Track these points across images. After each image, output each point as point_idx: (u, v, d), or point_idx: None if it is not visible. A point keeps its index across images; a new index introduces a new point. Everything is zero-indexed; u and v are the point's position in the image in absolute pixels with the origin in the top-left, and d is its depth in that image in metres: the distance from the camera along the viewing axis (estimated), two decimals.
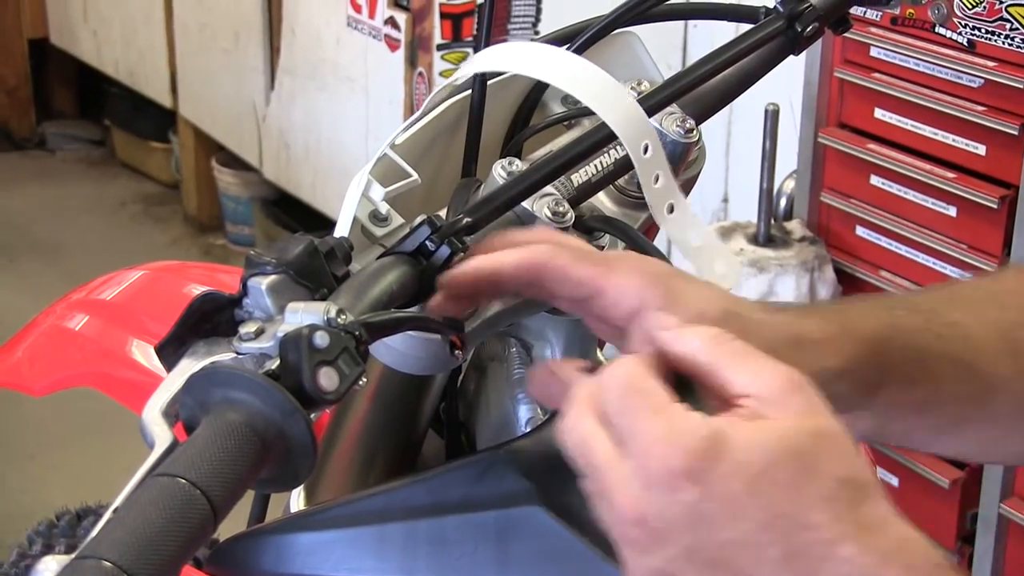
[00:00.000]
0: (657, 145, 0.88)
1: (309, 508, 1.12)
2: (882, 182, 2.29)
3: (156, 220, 4.53)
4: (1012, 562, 2.20)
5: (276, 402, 0.73)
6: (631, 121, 0.86)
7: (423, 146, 1.01)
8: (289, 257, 0.82)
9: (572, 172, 0.96)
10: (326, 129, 3.75)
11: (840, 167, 2.36)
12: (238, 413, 0.73)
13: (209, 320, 0.83)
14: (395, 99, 3.42)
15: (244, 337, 0.80)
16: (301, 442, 0.74)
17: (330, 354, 0.75)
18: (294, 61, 3.82)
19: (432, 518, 0.92)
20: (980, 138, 2.13)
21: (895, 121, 2.26)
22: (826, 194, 2.38)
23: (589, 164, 0.97)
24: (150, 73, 4.52)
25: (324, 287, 0.83)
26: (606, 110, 0.87)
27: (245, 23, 3.98)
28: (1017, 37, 2.04)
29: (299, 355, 0.74)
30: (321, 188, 3.81)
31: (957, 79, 2.14)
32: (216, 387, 0.74)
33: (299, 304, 0.79)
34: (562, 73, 0.89)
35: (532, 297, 0.88)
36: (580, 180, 0.97)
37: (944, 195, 2.18)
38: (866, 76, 2.27)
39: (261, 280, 0.81)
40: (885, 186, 2.29)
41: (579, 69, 0.89)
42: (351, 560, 1.00)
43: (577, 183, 0.97)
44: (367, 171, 0.92)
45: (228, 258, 4.28)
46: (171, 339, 0.83)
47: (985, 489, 2.19)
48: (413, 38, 3.34)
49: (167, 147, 4.66)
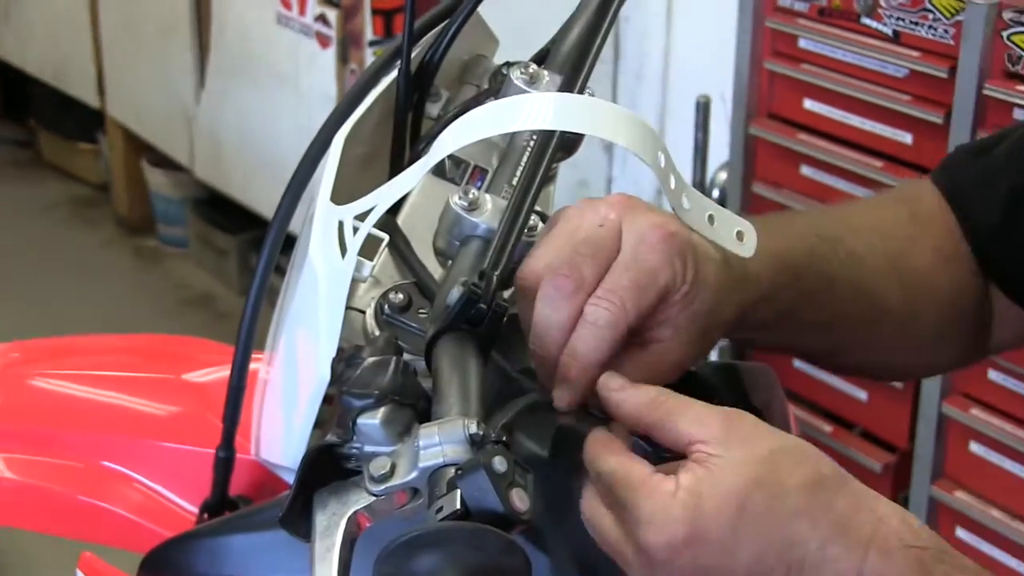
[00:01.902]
0: (667, 153, 0.89)
1: (243, 510, 1.12)
2: (812, 172, 2.31)
3: (86, 222, 4.49)
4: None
5: (491, 544, 0.73)
6: (646, 140, 0.87)
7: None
8: (387, 384, 0.82)
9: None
10: (258, 127, 3.73)
11: (771, 158, 2.38)
12: (456, 570, 0.72)
13: (323, 471, 0.82)
14: (327, 96, 3.41)
15: (378, 477, 0.80)
16: (520, 569, 0.74)
17: (511, 474, 0.76)
18: (224, 59, 3.79)
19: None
20: (906, 127, 2.15)
21: (824, 111, 2.28)
22: (758, 185, 2.40)
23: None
24: (76, 73, 4.46)
25: (419, 399, 0.83)
26: (627, 139, 0.87)
27: (173, 21, 3.95)
28: (940, 27, 2.06)
29: (484, 485, 0.74)
30: (254, 187, 3.79)
31: (883, 69, 2.16)
32: (420, 550, 0.73)
33: (431, 429, 0.79)
34: (575, 117, 0.88)
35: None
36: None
37: (872, 183, 2.20)
38: (794, 67, 2.29)
39: (373, 416, 0.81)
40: (815, 176, 2.31)
41: (592, 109, 0.88)
42: (286, 561, 0.99)
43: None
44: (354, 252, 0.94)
45: (160, 260, 4.24)
46: (294, 505, 0.83)
47: (916, 472, 2.22)
48: (344, 35, 3.32)
49: (95, 148, 4.61)
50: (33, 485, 1.28)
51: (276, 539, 0.97)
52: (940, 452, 2.18)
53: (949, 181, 1.14)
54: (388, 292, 0.97)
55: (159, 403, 1.34)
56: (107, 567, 1.14)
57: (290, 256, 1.09)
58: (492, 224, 0.94)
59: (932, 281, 1.10)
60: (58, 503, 1.28)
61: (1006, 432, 2.07)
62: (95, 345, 1.58)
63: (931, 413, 2.17)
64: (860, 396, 2.34)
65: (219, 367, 1.33)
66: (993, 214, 1.11)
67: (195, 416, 1.30)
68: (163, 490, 1.27)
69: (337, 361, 0.85)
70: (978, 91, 1.99)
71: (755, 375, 1.14)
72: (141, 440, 1.29)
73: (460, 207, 0.94)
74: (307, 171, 1.05)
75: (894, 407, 2.28)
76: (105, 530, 1.27)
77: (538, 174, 0.97)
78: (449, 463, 0.78)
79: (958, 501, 2.16)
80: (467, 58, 1.15)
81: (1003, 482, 2.11)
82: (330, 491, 0.82)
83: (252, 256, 3.94)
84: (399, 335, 0.92)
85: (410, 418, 0.82)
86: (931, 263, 1.10)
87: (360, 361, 0.83)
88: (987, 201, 1.11)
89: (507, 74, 1.06)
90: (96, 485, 1.27)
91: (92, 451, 1.28)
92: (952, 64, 2.05)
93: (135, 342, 1.64)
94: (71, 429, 1.31)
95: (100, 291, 4.04)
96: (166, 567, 1.09)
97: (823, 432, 2.37)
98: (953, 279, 1.11)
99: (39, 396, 1.37)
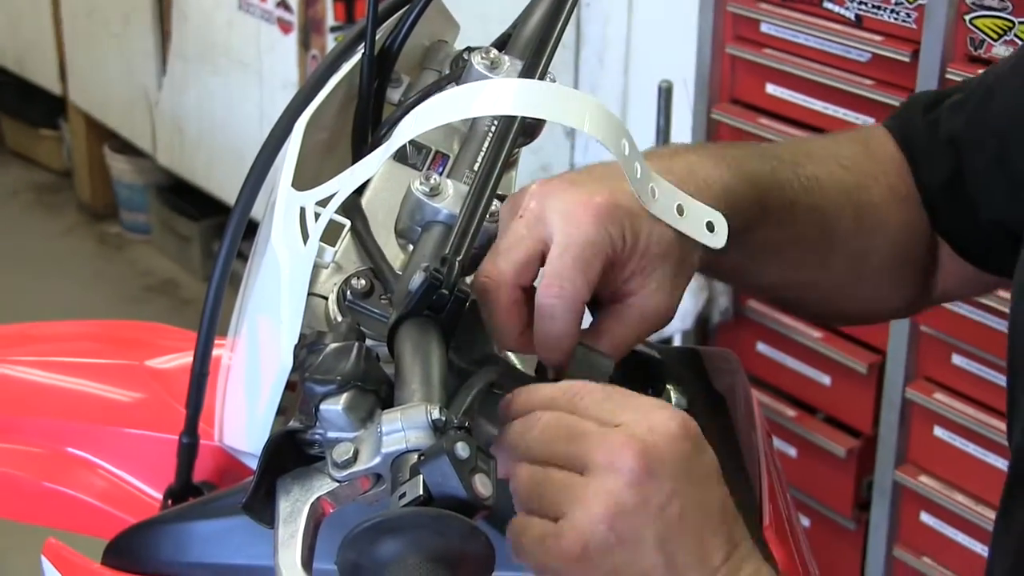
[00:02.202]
0: (631, 140, 0.90)
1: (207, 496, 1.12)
2: None
3: (49, 208, 4.46)
4: (907, 527, 2.24)
5: (454, 530, 0.73)
6: (610, 127, 0.88)
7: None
8: (349, 370, 0.81)
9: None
10: (220, 114, 3.72)
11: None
12: (420, 555, 0.72)
13: (286, 458, 0.82)
14: (289, 82, 3.40)
15: (341, 463, 0.80)
16: (483, 554, 0.74)
17: (473, 459, 0.76)
18: (186, 45, 3.78)
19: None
20: (869, 111, 2.16)
21: (786, 96, 2.29)
22: None
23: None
24: (38, 60, 4.44)
25: (382, 384, 0.83)
26: (590, 126, 0.87)
27: (134, 7, 3.92)
28: (903, 11, 2.07)
29: (447, 471, 0.74)
30: (216, 173, 3.77)
31: (846, 53, 2.17)
32: (384, 536, 0.73)
33: (393, 415, 0.79)
34: (538, 103, 0.89)
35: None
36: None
37: None
38: (757, 52, 2.29)
39: (336, 402, 0.81)
40: None
41: (554, 96, 0.88)
42: (250, 547, 0.99)
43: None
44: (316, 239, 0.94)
45: (123, 246, 4.22)
46: (257, 492, 0.82)
47: (880, 457, 2.23)
48: (306, 20, 3.31)
49: (57, 134, 4.58)
50: None
51: (240, 525, 0.97)
52: (904, 437, 2.20)
53: (901, 133, 1.16)
54: (350, 278, 0.97)
55: (122, 389, 1.33)
56: (72, 553, 1.14)
57: (253, 242, 1.09)
58: (454, 210, 0.94)
59: (885, 217, 1.12)
60: (22, 489, 1.28)
61: (969, 416, 2.08)
62: (58, 332, 1.58)
63: (895, 398, 2.18)
64: (824, 381, 2.35)
65: (182, 353, 1.33)
66: (939, 172, 1.12)
67: (158, 402, 1.29)
68: (127, 476, 1.26)
69: (299, 347, 0.85)
70: (941, 75, 2.00)
71: (718, 360, 1.15)
72: (105, 426, 1.29)
73: (421, 192, 0.95)
74: (268, 157, 1.05)
75: (858, 392, 2.29)
76: (70, 516, 1.26)
77: (500, 159, 0.97)
78: (412, 449, 0.78)
79: (922, 486, 2.17)
80: (428, 44, 1.15)
81: (967, 466, 2.12)
82: (293, 477, 0.82)
83: (215, 242, 3.92)
84: (361, 321, 0.91)
85: (373, 404, 0.82)
86: (885, 199, 1.12)
87: (322, 347, 0.83)
88: (933, 159, 1.13)
89: (468, 59, 1.06)
90: (60, 471, 1.27)
91: (56, 437, 1.28)
92: (915, 48, 2.05)
93: (98, 328, 1.63)
94: (34, 415, 1.31)
95: (63, 278, 4.02)
96: (131, 553, 1.09)
97: (787, 417, 2.38)
98: (904, 219, 1.13)
99: (2, 383, 1.36)
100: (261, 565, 0.98)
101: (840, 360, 2.28)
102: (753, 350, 2.42)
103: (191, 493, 1.16)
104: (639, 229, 0.92)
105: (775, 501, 1.08)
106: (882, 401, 2.21)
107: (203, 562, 1.03)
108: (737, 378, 1.15)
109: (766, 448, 1.13)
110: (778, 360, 2.40)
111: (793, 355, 2.38)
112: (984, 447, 2.09)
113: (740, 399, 1.13)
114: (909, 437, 2.20)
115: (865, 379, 2.27)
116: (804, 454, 2.38)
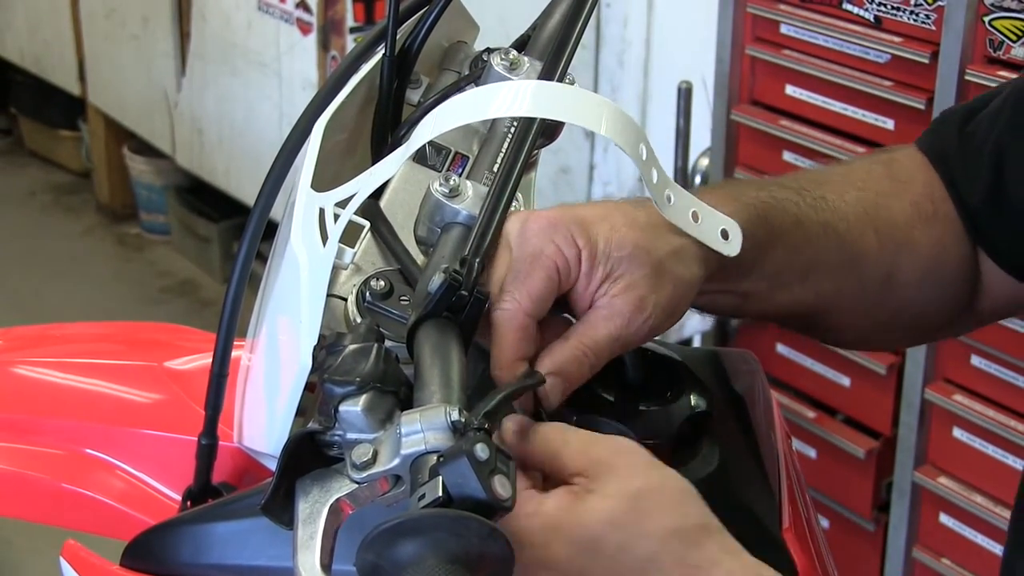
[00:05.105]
0: (648, 145, 0.90)
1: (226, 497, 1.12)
2: (794, 157, 2.32)
3: (68, 210, 4.47)
4: (926, 528, 2.23)
5: (473, 531, 0.73)
6: (628, 131, 0.88)
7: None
8: (368, 371, 0.81)
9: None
10: (239, 115, 3.72)
11: (753, 144, 2.38)
12: (439, 557, 0.72)
13: (305, 459, 0.82)
14: (308, 83, 3.40)
15: (360, 465, 0.80)
16: (502, 555, 0.74)
17: (493, 461, 0.76)
18: (205, 46, 3.79)
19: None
20: (888, 113, 2.15)
21: (805, 97, 2.28)
22: (740, 171, 2.40)
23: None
24: (57, 61, 4.45)
25: (401, 385, 0.83)
26: (608, 129, 0.87)
27: (154, 8, 3.93)
28: (922, 12, 2.06)
29: (466, 472, 0.74)
30: (235, 174, 3.78)
31: (864, 55, 2.16)
32: (403, 538, 0.73)
33: (412, 416, 0.79)
34: (555, 105, 0.89)
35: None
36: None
37: None
38: (776, 53, 2.29)
39: (355, 403, 0.81)
40: (797, 161, 2.31)
41: (572, 98, 0.89)
42: (269, 548, 0.99)
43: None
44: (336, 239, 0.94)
45: (142, 247, 4.23)
46: (276, 493, 0.83)
47: (899, 458, 2.22)
48: (325, 21, 3.31)
49: (77, 135, 4.59)
50: (16, 473, 1.28)
51: (259, 527, 0.97)
52: (923, 438, 2.19)
53: (935, 152, 1.14)
54: (369, 279, 0.97)
55: (141, 391, 1.34)
56: (90, 555, 1.14)
57: (272, 243, 1.09)
58: (473, 211, 0.94)
59: (910, 235, 1.10)
60: (41, 491, 1.28)
61: (988, 418, 2.08)
62: (77, 333, 1.58)
63: (914, 399, 2.17)
64: (843, 382, 2.34)
65: (201, 354, 1.33)
66: (980, 186, 1.10)
67: (177, 403, 1.29)
68: (146, 477, 1.26)
69: (319, 348, 0.85)
70: (960, 76, 1.99)
71: (737, 361, 1.15)
72: (124, 428, 1.29)
73: (441, 194, 0.94)
74: (288, 158, 1.05)
75: (877, 393, 2.29)
76: (88, 518, 1.27)
77: (519, 161, 0.97)
78: (431, 450, 0.78)
79: (941, 487, 2.16)
80: (447, 44, 1.15)
81: (986, 468, 2.11)
82: (312, 478, 0.82)
83: (234, 243, 3.93)
84: (381, 322, 0.91)
85: (392, 405, 0.82)
86: (909, 217, 1.10)
87: (342, 348, 0.83)
88: (972, 173, 1.11)
89: (487, 60, 1.06)
90: (79, 473, 1.27)
91: (75, 439, 1.28)
92: (934, 49, 2.05)
93: (117, 330, 1.63)
94: (53, 417, 1.31)
95: (81, 279, 4.03)
96: (149, 554, 1.09)
97: (806, 418, 2.38)
98: (933, 237, 1.11)
99: (21, 384, 1.37)
100: (280, 567, 0.98)
101: (859, 361, 2.28)
102: (773, 351, 2.41)
103: (210, 494, 1.16)
104: (594, 235, 0.92)
105: (794, 503, 1.08)
106: (901, 402, 2.21)
107: (222, 563, 1.03)
108: (756, 379, 1.15)
109: (785, 449, 1.13)
110: (798, 361, 2.39)
111: (812, 356, 2.37)
112: (1003, 448, 2.08)
113: (760, 400, 1.13)
114: (928, 438, 2.19)
115: (884, 380, 2.26)
116: (823, 455, 2.37)
